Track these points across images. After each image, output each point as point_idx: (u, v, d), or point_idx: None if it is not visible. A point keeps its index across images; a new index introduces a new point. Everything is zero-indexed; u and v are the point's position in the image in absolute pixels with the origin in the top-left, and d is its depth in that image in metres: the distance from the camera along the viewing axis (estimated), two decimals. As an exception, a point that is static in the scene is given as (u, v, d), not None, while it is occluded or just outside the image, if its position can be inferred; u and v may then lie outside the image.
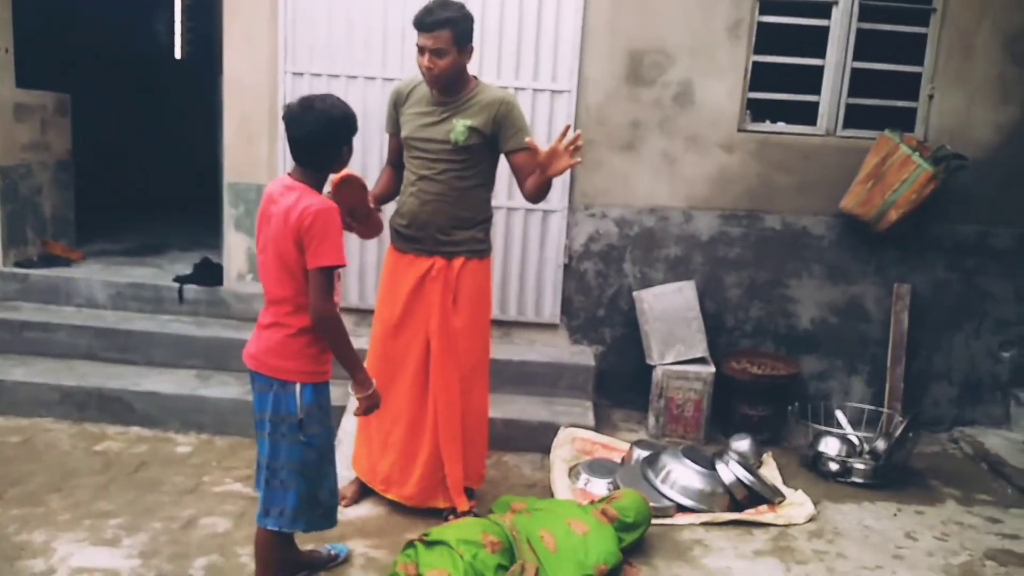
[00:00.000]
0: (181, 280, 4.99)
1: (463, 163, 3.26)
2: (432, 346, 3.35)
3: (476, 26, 4.38)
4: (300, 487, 2.60)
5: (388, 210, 3.65)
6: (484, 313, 3.47)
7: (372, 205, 3.04)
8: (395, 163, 3.51)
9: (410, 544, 2.98)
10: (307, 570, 3.00)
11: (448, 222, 3.30)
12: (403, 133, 3.35)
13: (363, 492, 3.59)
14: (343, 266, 2.52)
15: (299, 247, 2.47)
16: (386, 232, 3.43)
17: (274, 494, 2.61)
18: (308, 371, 2.58)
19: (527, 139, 3.17)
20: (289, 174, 2.59)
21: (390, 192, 3.56)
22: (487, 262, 3.46)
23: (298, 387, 2.56)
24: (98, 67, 7.93)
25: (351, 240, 4.75)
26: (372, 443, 3.52)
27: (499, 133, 3.25)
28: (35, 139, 5.32)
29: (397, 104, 3.41)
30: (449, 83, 3.21)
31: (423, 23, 3.10)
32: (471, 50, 3.22)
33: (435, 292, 3.32)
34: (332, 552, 3.10)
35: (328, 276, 2.49)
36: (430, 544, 2.90)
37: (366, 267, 4.82)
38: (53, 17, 7.14)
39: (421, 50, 3.14)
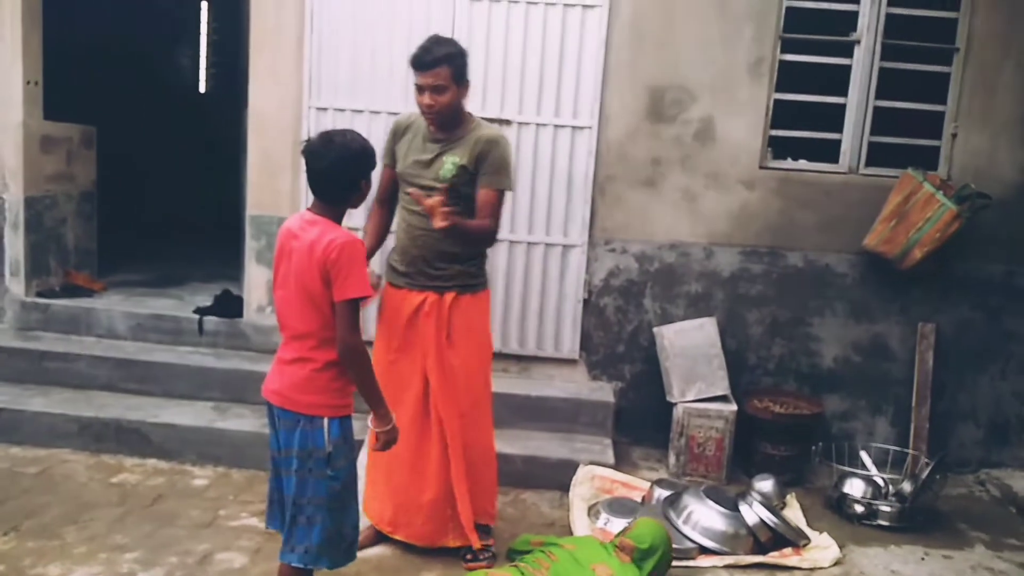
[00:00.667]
0: (201, 312, 5.01)
1: (452, 199, 3.17)
2: (431, 383, 3.32)
3: (499, 63, 4.40)
4: (326, 522, 2.59)
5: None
6: (481, 348, 3.44)
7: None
8: (384, 198, 3.51)
9: None
10: None
11: (437, 257, 3.29)
12: (398, 168, 3.38)
13: (378, 535, 3.51)
14: (370, 296, 2.55)
15: (324, 280, 2.48)
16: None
17: (300, 531, 2.59)
18: (335, 404, 2.58)
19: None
20: (309, 209, 2.62)
21: (383, 234, 3.55)
22: (482, 296, 3.43)
23: (326, 422, 2.56)
24: (124, 100, 8.05)
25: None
26: (377, 486, 3.48)
27: (479, 168, 3.26)
28: (61, 170, 5.38)
29: (396, 136, 3.45)
30: (449, 119, 3.24)
31: (422, 62, 3.14)
32: (468, 85, 3.26)
33: (429, 327, 3.30)
34: None
35: (355, 308, 2.51)
36: None
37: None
38: (80, 50, 7.26)
39: (420, 89, 3.18)
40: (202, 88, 9.98)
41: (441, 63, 3.12)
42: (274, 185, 4.80)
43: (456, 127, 3.28)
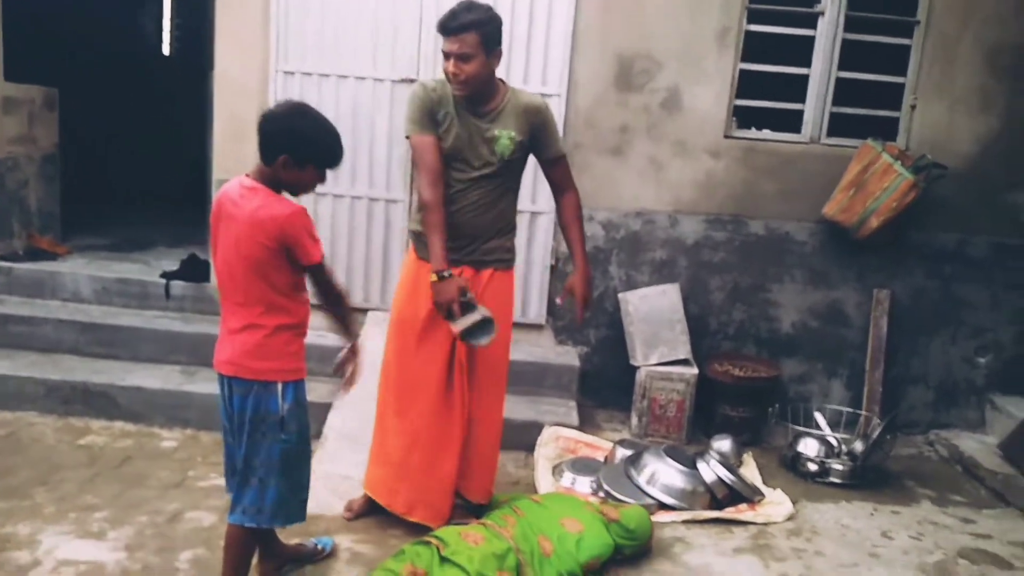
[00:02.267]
0: (168, 276, 5.00)
1: (501, 175, 3.15)
2: (460, 358, 3.21)
3: None
4: (280, 484, 2.62)
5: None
6: (507, 324, 3.33)
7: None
8: (439, 178, 3.12)
9: (422, 541, 2.96)
10: (293, 563, 3.03)
11: (484, 232, 3.19)
12: (445, 146, 3.13)
13: (371, 505, 3.43)
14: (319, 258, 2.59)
15: (277, 250, 2.46)
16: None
17: (251, 492, 2.62)
18: (288, 368, 2.59)
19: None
20: (246, 174, 2.56)
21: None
22: (512, 273, 3.37)
23: (280, 386, 2.56)
24: (86, 62, 7.91)
25: (339, 236, 4.79)
26: (390, 466, 3.34)
27: (538, 142, 3.18)
28: (22, 133, 5.31)
29: (430, 105, 3.12)
30: (478, 89, 3.06)
31: (447, 27, 2.97)
32: (499, 54, 3.08)
33: None
34: (318, 546, 3.12)
35: (323, 268, 2.59)
36: (445, 559, 2.85)
37: (352, 265, 4.84)
38: (41, 11, 7.11)
39: (447, 56, 3.00)
40: (166, 51, 9.80)
41: (468, 29, 2.94)
42: (240, 149, 4.75)
43: (491, 98, 3.12)
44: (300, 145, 2.49)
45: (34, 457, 3.79)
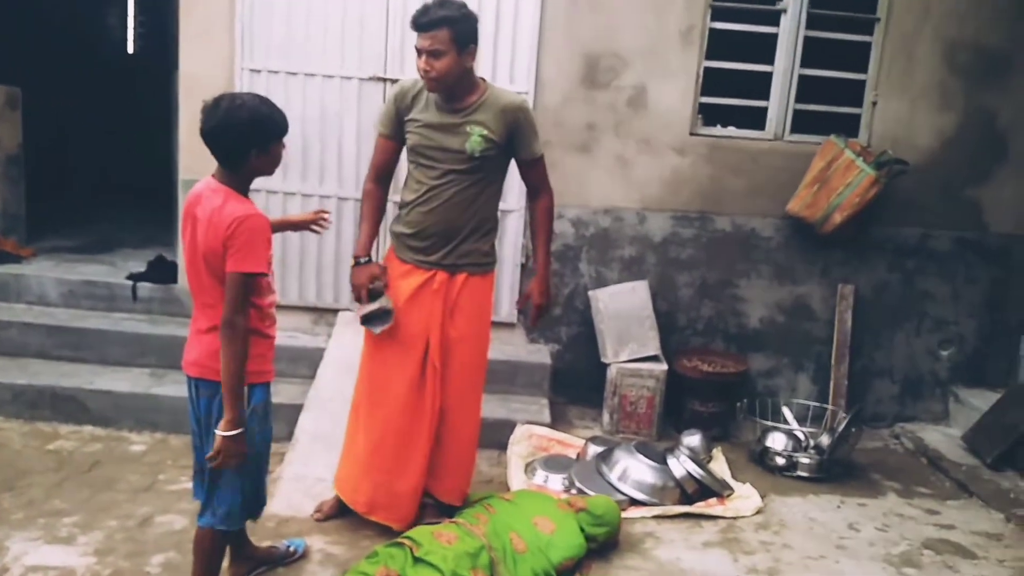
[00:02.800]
0: (135, 278, 4.95)
1: (475, 172, 3.11)
2: (431, 360, 3.20)
3: None
4: (245, 485, 2.65)
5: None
6: (483, 328, 3.33)
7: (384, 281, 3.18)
8: (380, 176, 3.30)
9: (395, 543, 2.97)
10: (265, 566, 3.03)
11: (457, 232, 3.15)
12: (411, 142, 3.16)
13: (340, 506, 3.43)
14: (260, 274, 2.48)
15: (224, 252, 2.44)
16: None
17: (220, 494, 2.63)
18: (252, 371, 2.55)
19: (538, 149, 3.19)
20: (212, 175, 2.56)
21: (381, 216, 3.35)
22: (490, 278, 3.33)
23: (245, 389, 2.54)
24: (49, 61, 7.78)
25: (308, 236, 4.77)
26: (355, 464, 3.34)
27: (514, 141, 3.15)
28: (-16, 133, 5.23)
29: (400, 106, 3.18)
30: (450, 87, 3.04)
31: (418, 23, 2.95)
32: (474, 51, 3.05)
33: (436, 307, 3.18)
34: (290, 548, 3.13)
35: (244, 283, 2.44)
36: (418, 560, 2.85)
37: (323, 265, 4.83)
38: (2, 10, 6.99)
39: (418, 52, 2.98)
40: (130, 49, 9.68)
41: (439, 25, 2.91)
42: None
43: (467, 94, 3.09)
44: (258, 133, 2.48)
45: (1, 463, 3.74)
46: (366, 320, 3.17)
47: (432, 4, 2.97)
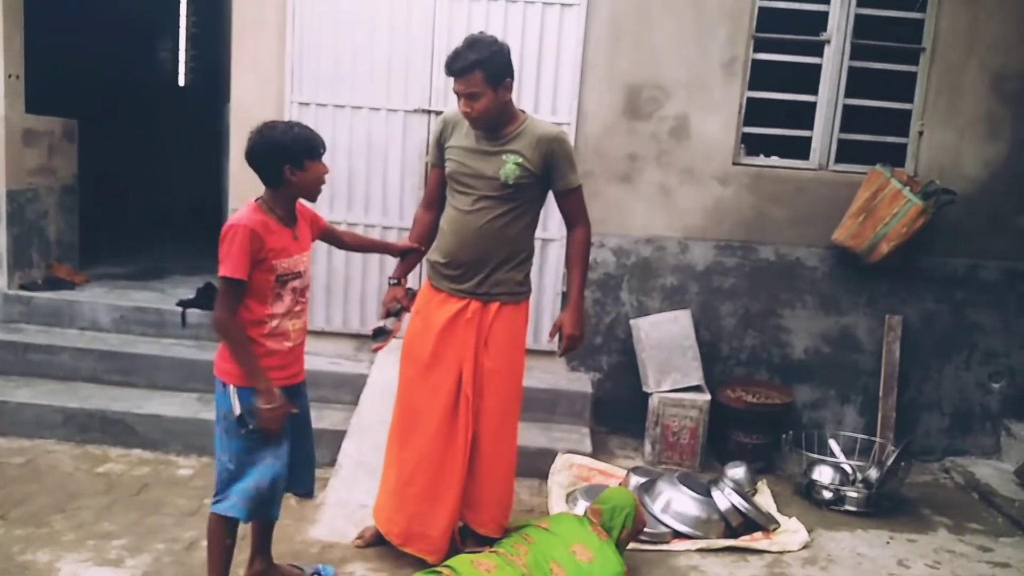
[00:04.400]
0: (184, 304, 5.06)
1: (509, 200, 3.14)
2: (464, 390, 3.21)
3: None
4: (242, 476, 2.76)
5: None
6: (517, 359, 3.32)
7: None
8: (432, 201, 3.40)
9: (434, 571, 2.97)
10: None
11: (489, 261, 3.17)
12: (448, 169, 3.23)
13: (379, 536, 3.41)
14: (232, 279, 2.62)
15: None
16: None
17: (221, 483, 2.80)
18: (238, 373, 2.71)
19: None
20: (260, 195, 2.80)
21: (430, 240, 3.42)
22: (524, 306, 3.32)
23: (232, 388, 2.72)
24: (104, 93, 8.05)
25: (354, 264, 4.84)
26: (390, 495, 3.34)
27: (549, 171, 3.16)
28: (42, 164, 5.41)
29: (443, 136, 3.28)
30: (492, 122, 3.10)
31: (452, 70, 3.02)
32: (510, 85, 3.08)
33: (470, 335, 3.20)
34: (315, 573, 3.15)
35: (227, 286, 2.64)
36: None
37: (366, 293, 4.89)
38: (60, 44, 7.26)
39: (458, 95, 3.06)
40: (181, 82, 9.97)
41: (472, 69, 2.97)
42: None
43: (506, 125, 3.14)
44: (289, 149, 2.68)
45: (52, 485, 3.83)
46: (373, 334, 3.34)
47: (462, 48, 3.02)
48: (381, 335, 3.29)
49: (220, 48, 6.18)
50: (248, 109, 4.78)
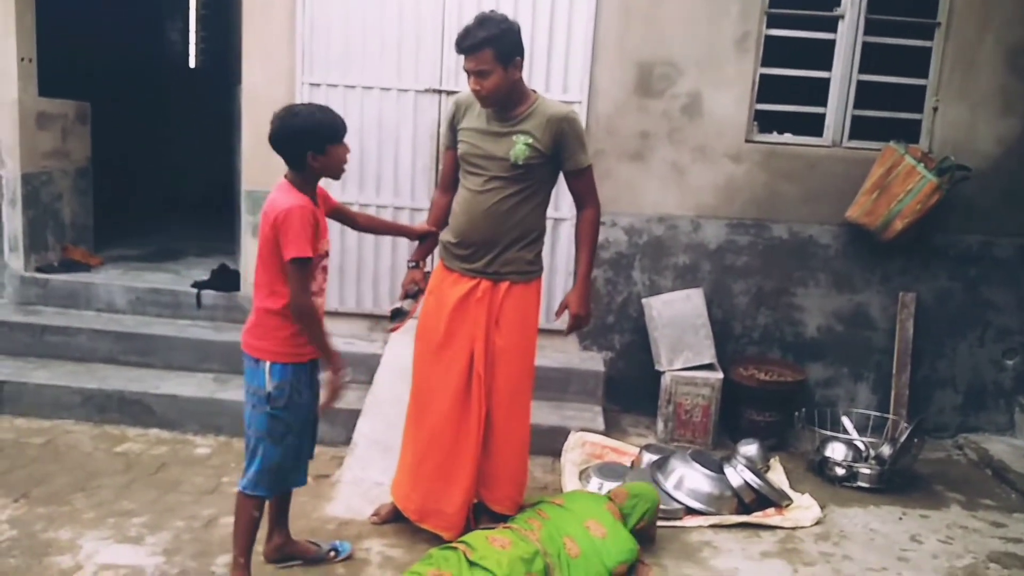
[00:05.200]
0: (199, 285, 5.09)
1: (520, 180, 3.15)
2: (476, 368, 3.24)
3: None
4: (268, 452, 2.83)
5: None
6: (528, 337, 3.33)
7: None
8: (448, 184, 3.42)
9: (449, 546, 3.01)
10: (298, 560, 3.12)
11: (499, 240, 3.19)
12: (461, 150, 3.25)
13: (397, 513, 3.46)
14: (306, 258, 2.68)
15: (273, 240, 2.70)
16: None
17: (248, 458, 2.87)
18: (275, 351, 2.78)
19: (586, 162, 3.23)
20: (284, 175, 2.82)
21: (446, 221, 3.42)
22: (535, 285, 3.33)
23: (267, 364, 2.78)
24: (115, 76, 8.06)
25: (367, 245, 4.86)
26: (407, 472, 3.40)
27: (560, 151, 3.17)
28: (56, 147, 5.44)
29: (455, 118, 3.30)
30: (501, 101, 3.11)
31: (462, 47, 3.03)
32: (520, 64, 3.08)
33: (480, 314, 3.22)
34: (331, 552, 3.18)
35: (297, 267, 2.68)
36: (473, 564, 2.88)
37: (379, 273, 4.91)
38: (71, 27, 7.26)
39: (467, 73, 3.07)
40: (192, 64, 9.97)
41: (482, 46, 2.97)
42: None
43: (517, 105, 3.14)
44: (311, 136, 2.73)
45: (71, 464, 3.88)
46: (391, 315, 3.43)
47: (472, 26, 3.03)
48: (398, 316, 3.34)
49: (230, 30, 6.17)
50: (259, 91, 4.79)
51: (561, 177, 3.32)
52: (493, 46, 2.99)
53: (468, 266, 3.25)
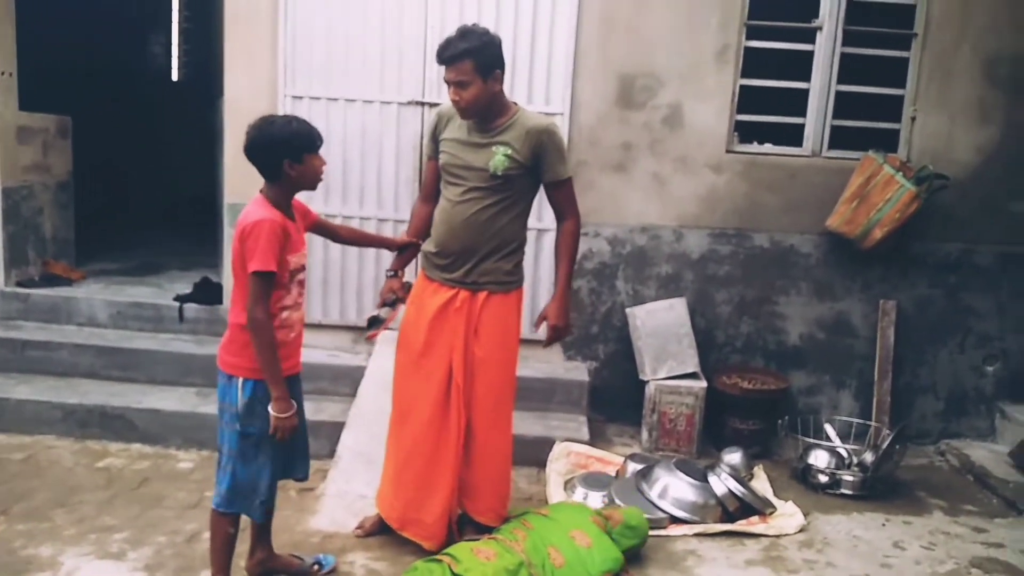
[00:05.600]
0: (181, 299, 5.07)
1: (499, 191, 3.17)
2: (455, 378, 3.24)
3: None
4: (237, 471, 2.81)
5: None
6: (508, 348, 3.33)
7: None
8: (430, 195, 3.42)
9: (434, 559, 3.00)
10: (283, 575, 3.11)
11: (477, 250, 3.20)
12: (442, 161, 3.27)
13: (382, 525, 3.46)
14: (268, 272, 2.65)
15: (241, 254, 2.70)
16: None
17: (219, 474, 2.86)
18: (250, 367, 2.75)
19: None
20: (260, 190, 2.81)
21: (427, 231, 3.41)
22: (515, 295, 3.33)
23: (240, 381, 2.76)
24: (97, 89, 8.04)
25: (350, 257, 4.86)
26: (389, 481, 3.41)
27: (539, 163, 3.18)
28: (37, 161, 5.41)
29: (437, 128, 3.33)
30: (481, 112, 3.13)
31: (442, 58, 3.05)
32: (500, 76, 3.12)
33: (459, 323, 3.23)
34: (315, 565, 3.17)
35: (258, 281, 2.65)
36: None
37: (363, 285, 4.91)
38: (52, 40, 7.24)
39: (447, 83, 3.10)
40: (175, 76, 9.95)
41: (462, 57, 3.01)
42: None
43: (497, 116, 3.17)
44: (287, 144, 2.72)
45: (52, 480, 3.85)
46: (367, 323, 3.40)
47: (454, 37, 3.06)
48: (375, 324, 3.33)
49: (212, 42, 6.17)
50: (241, 103, 4.78)
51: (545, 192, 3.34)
52: (473, 57, 3.02)
53: (448, 275, 3.26)
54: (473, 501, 3.40)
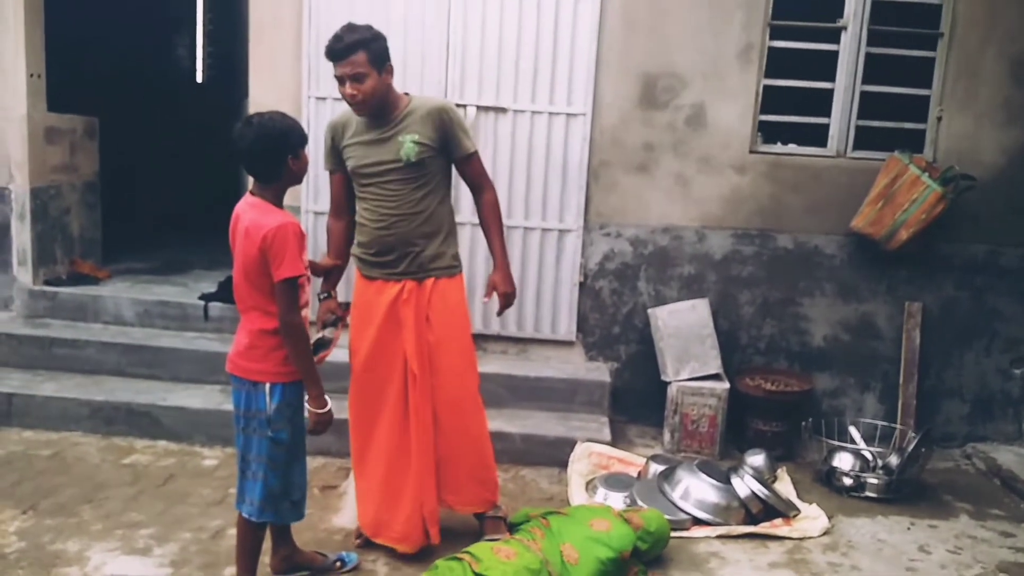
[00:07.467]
0: (206, 298, 5.12)
1: (417, 178, 3.18)
2: (411, 368, 3.23)
3: (494, 52, 4.28)
4: (269, 479, 2.80)
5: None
6: (461, 328, 3.35)
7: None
8: (342, 209, 3.39)
9: (455, 557, 3.00)
10: (305, 571, 3.12)
11: (415, 238, 3.21)
12: (351, 166, 3.25)
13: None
14: (303, 275, 2.69)
15: (263, 262, 2.66)
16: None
17: (248, 484, 2.82)
18: (275, 371, 2.76)
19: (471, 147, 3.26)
20: (250, 191, 2.77)
21: (348, 246, 3.42)
22: (458, 279, 3.35)
23: (267, 386, 2.75)
24: (123, 90, 8.12)
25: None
26: (361, 488, 3.40)
27: (446, 141, 3.21)
28: (65, 161, 5.48)
29: (335, 140, 3.30)
30: (378, 106, 3.13)
31: (335, 52, 3.04)
32: (391, 69, 3.15)
33: (408, 315, 3.23)
34: (338, 562, 3.19)
35: (291, 287, 2.68)
36: (478, 575, 2.88)
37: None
38: (80, 42, 7.33)
39: (341, 80, 3.07)
40: (199, 78, 10.04)
41: (355, 49, 3.01)
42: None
43: (393, 109, 3.18)
44: (287, 141, 2.71)
45: (79, 476, 3.90)
46: (314, 347, 3.17)
47: (342, 32, 3.06)
48: (322, 346, 3.19)
49: (237, 44, 6.22)
50: (266, 105, 4.69)
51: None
52: (366, 49, 3.04)
53: (392, 271, 3.25)
54: (456, 494, 3.38)
